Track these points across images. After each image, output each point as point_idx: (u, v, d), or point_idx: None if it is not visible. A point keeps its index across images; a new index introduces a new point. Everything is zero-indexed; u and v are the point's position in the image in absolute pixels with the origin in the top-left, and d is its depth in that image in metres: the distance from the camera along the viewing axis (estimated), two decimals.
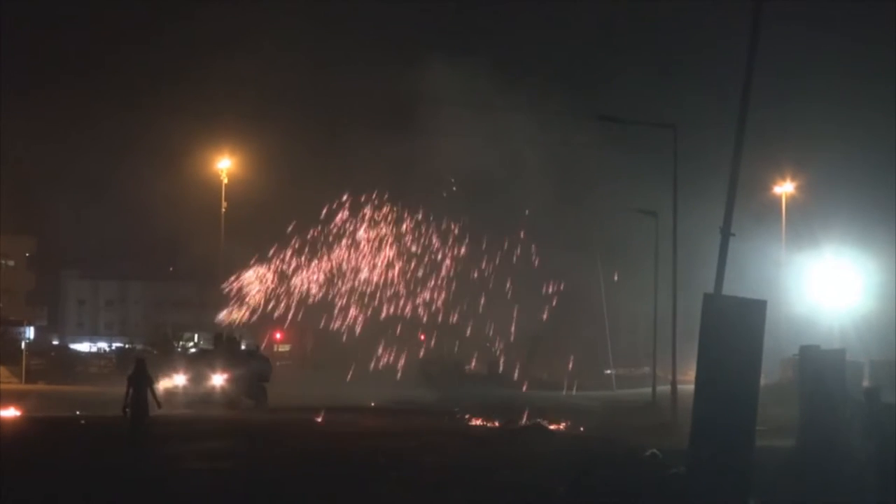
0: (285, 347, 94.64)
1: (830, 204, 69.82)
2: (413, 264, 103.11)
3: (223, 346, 58.98)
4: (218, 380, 54.27)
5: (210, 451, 30.71)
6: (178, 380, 53.68)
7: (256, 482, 24.93)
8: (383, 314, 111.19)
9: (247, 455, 30.15)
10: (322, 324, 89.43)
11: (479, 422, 45.31)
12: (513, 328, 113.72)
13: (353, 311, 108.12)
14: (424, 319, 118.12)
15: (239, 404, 52.32)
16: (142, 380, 30.17)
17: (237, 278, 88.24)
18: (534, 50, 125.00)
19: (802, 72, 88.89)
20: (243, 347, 61.56)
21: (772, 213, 74.01)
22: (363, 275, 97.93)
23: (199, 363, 55.45)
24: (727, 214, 22.84)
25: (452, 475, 26.17)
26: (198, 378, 54.13)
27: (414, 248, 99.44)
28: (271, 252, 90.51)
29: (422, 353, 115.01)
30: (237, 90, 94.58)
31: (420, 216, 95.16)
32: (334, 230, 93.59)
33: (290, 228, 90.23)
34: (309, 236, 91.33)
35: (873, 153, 68.25)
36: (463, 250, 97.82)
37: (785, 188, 74.45)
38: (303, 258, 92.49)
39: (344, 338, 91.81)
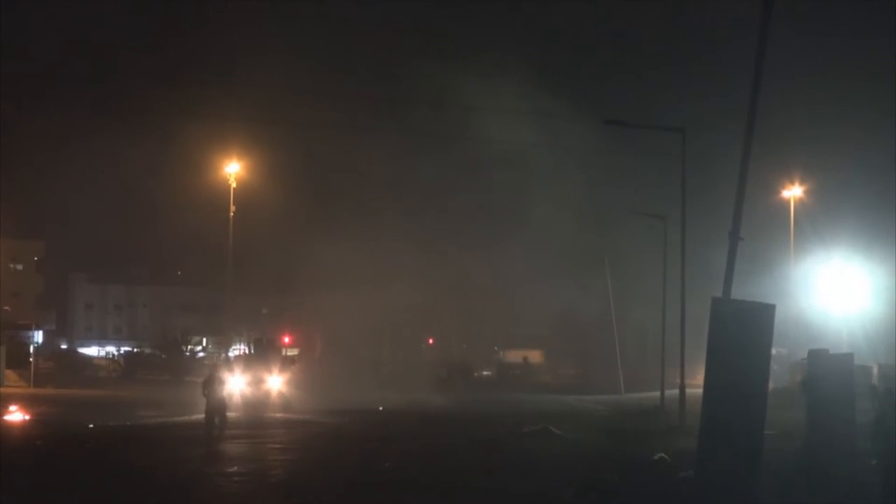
0: (293, 351, 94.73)
1: (840, 207, 69.74)
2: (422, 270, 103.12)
3: (266, 350, 60.42)
4: (276, 383, 55.70)
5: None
6: (236, 383, 54.72)
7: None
8: (393, 319, 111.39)
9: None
10: (330, 327, 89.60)
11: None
12: (523, 332, 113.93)
13: (361, 315, 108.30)
14: (433, 323, 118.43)
15: (293, 407, 53.14)
16: (215, 385, 30.07)
17: None
18: (543, 54, 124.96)
19: (813, 74, 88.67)
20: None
21: (781, 216, 74.04)
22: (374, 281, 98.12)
23: (257, 367, 56.80)
24: (735, 218, 22.80)
25: (459, 479, 26.15)
26: (256, 381, 55.50)
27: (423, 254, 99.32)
28: None
29: (430, 357, 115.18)
30: (247, 93, 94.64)
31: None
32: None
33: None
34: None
35: (883, 156, 68.08)
36: (471, 255, 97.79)
37: (794, 192, 74.36)
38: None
39: (352, 341, 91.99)
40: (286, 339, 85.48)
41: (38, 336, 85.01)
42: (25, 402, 48.35)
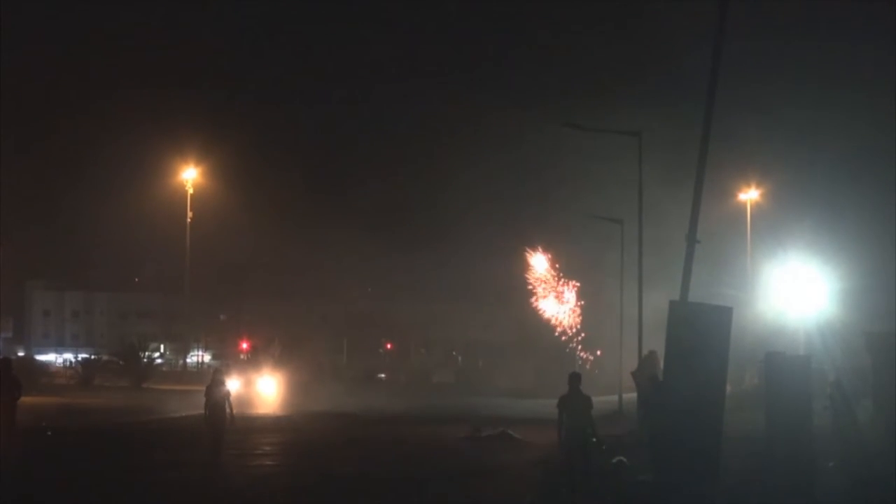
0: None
1: (797, 210, 70.06)
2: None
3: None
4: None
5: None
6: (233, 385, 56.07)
7: None
8: (349, 323, 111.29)
9: None
10: (289, 332, 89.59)
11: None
12: (480, 337, 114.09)
13: (320, 320, 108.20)
14: (391, 328, 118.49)
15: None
16: (217, 389, 29.71)
17: None
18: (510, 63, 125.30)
19: (769, 79, 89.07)
20: None
21: (742, 219, 74.38)
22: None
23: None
24: (692, 222, 22.89)
25: (419, 484, 26.11)
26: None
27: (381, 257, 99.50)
28: None
29: (389, 362, 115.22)
30: (204, 101, 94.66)
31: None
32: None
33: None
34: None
35: (840, 159, 68.48)
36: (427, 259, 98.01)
37: (750, 195, 74.68)
38: None
39: (310, 346, 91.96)
40: (244, 345, 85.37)
41: None
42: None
